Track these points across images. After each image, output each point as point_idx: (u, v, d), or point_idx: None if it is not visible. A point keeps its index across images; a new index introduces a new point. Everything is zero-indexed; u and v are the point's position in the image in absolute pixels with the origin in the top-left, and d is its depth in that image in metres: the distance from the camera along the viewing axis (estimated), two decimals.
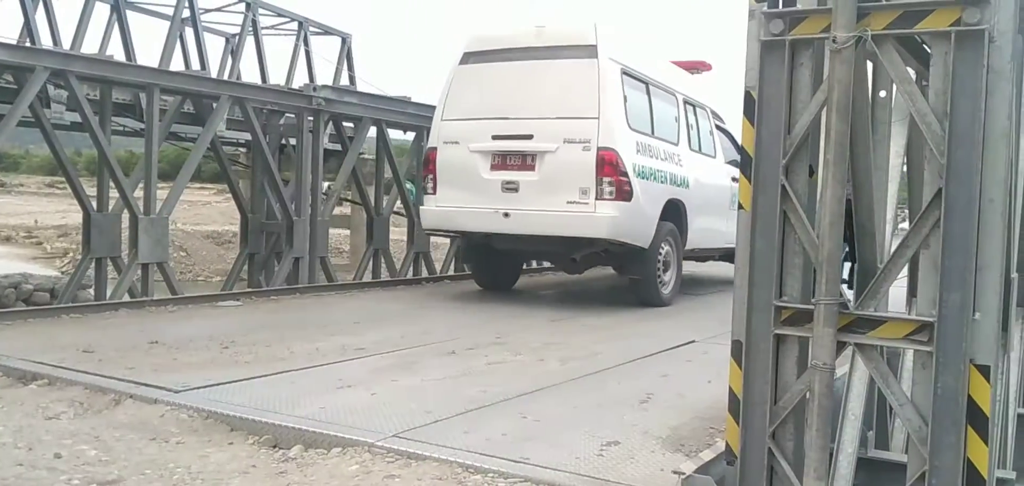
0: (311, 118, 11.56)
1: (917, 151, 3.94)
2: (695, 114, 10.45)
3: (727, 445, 3.33)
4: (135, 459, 3.91)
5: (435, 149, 9.20)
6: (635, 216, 8.56)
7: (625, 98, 8.60)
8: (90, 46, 16.60)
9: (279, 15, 21.60)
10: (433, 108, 9.90)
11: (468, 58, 9.18)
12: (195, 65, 18.91)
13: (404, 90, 19.93)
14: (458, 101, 9.15)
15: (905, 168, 4.23)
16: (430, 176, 9.19)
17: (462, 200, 8.97)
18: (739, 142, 3.33)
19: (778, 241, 3.10)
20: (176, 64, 18.06)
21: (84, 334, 6.54)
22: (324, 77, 21.14)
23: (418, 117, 13.09)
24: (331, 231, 13.39)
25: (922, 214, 2.87)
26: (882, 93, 3.81)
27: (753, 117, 3.10)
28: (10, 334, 6.50)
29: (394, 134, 13.50)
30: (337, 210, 15.63)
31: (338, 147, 13.25)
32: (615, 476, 3.81)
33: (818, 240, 2.97)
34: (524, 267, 13.86)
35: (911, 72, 3.37)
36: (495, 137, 8.77)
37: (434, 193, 9.14)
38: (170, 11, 18.71)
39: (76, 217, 23.76)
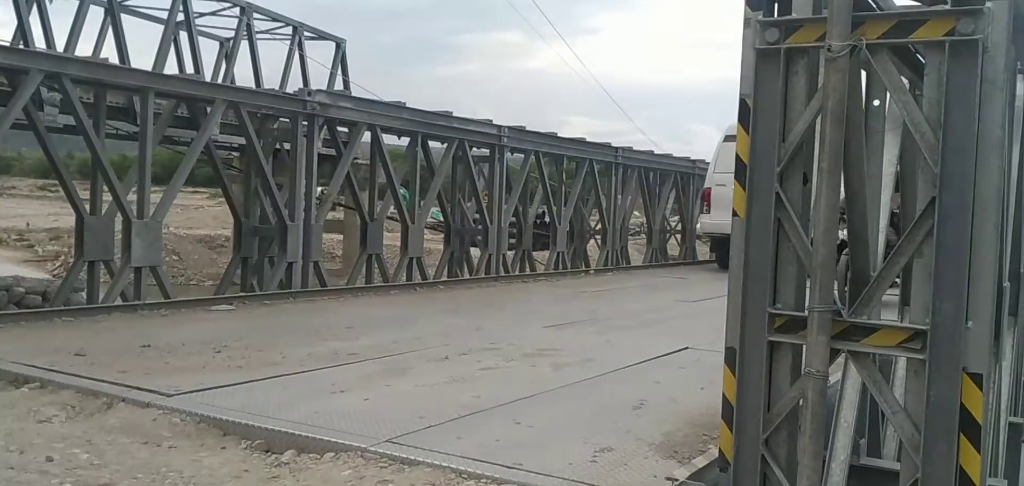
0: (306, 123, 11.55)
1: (911, 160, 3.95)
2: None
3: (720, 452, 3.33)
4: (127, 463, 3.90)
5: (710, 188, 16.37)
6: None
7: None
8: (84, 49, 16.57)
9: (274, 19, 21.60)
10: (427, 112, 13.08)
11: (728, 139, 14.82)
12: (189, 69, 18.88)
13: (398, 96, 19.93)
14: (724, 161, 14.63)
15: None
16: (706, 203, 16.74)
17: (727, 218, 15.91)
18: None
19: (772, 249, 3.10)
20: (170, 68, 18.05)
21: (76, 337, 6.52)
22: (318, 82, 21.16)
23: (413, 123, 13.07)
24: (324, 236, 13.37)
25: (916, 222, 2.88)
26: (876, 102, 3.82)
27: (748, 125, 3.11)
28: (1, 337, 6.47)
29: (388, 139, 13.48)
30: (329, 214, 15.61)
31: (332, 152, 13.23)
32: (608, 482, 3.81)
33: (812, 248, 2.97)
34: (519, 272, 14.30)
35: (905, 81, 3.39)
36: None
37: (709, 213, 16.24)
38: (165, 15, 18.70)
39: (68, 220, 23.66)
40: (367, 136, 12.66)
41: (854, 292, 3.29)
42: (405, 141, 13.63)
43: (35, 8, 16.19)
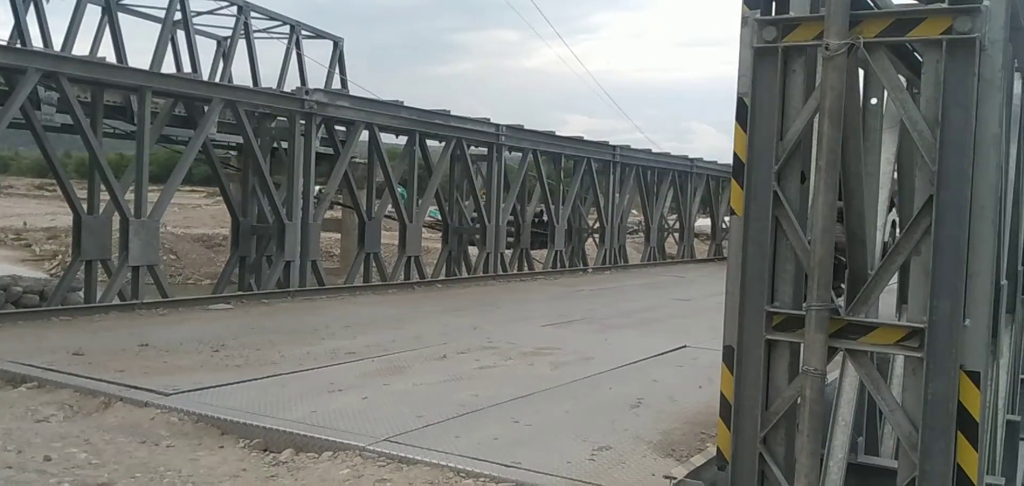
0: (303, 122, 11.54)
1: (908, 158, 3.95)
2: None
3: (718, 450, 3.33)
4: (125, 462, 3.89)
5: None
6: None
7: None
8: (81, 48, 16.56)
9: (271, 18, 21.59)
10: (425, 111, 12.73)
11: None
12: (187, 68, 18.86)
13: (396, 95, 19.94)
14: None
15: (896, 175, 4.24)
16: None
17: None
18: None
19: (770, 247, 3.10)
20: (168, 67, 18.03)
21: (74, 336, 6.51)
22: (316, 81, 21.16)
23: (410, 121, 13.06)
24: (321, 235, 13.36)
25: (913, 220, 2.88)
26: (873, 100, 3.83)
27: (746, 123, 3.11)
28: None
29: (386, 138, 13.46)
30: (327, 214, 15.61)
31: (330, 151, 13.22)
32: (606, 480, 3.81)
33: (810, 246, 2.98)
34: (517, 271, 14.37)
35: (902, 79, 3.39)
36: None
37: None
38: (162, 13, 18.68)
39: (65, 219, 23.53)
40: (365, 135, 12.65)
41: (852, 290, 3.30)
42: (403, 140, 13.64)
43: (32, 7, 16.16)
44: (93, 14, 17.34)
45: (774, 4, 3.15)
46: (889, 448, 4.46)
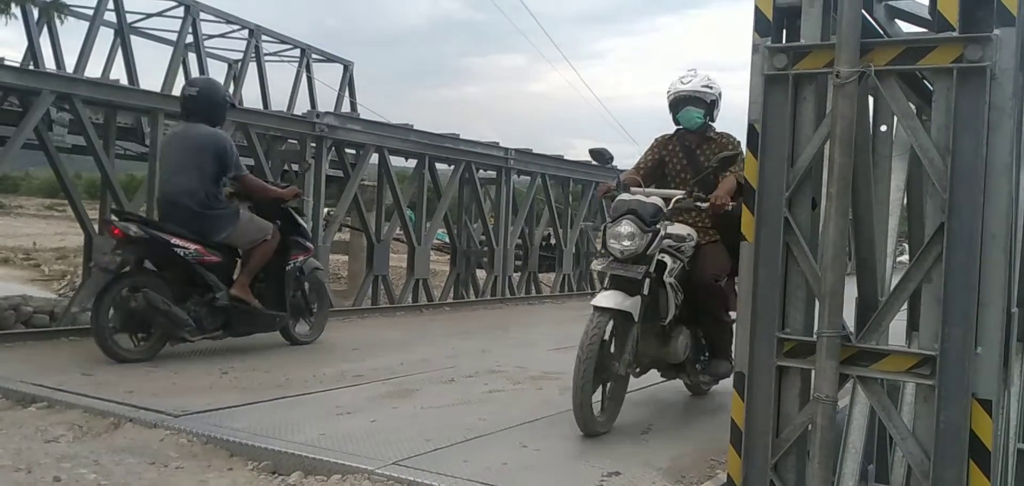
0: (314, 144, 11.59)
1: (918, 185, 3.96)
2: None
3: (729, 477, 3.32)
4: (134, 483, 3.90)
5: None
6: None
7: None
8: (93, 70, 16.72)
9: (282, 42, 21.77)
10: (435, 135, 12.79)
11: None
12: None
13: (404, 118, 20.04)
14: None
15: (905, 202, 4.25)
16: None
17: None
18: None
19: (781, 273, 3.11)
20: (179, 89, 18.16)
21: (84, 357, 6.52)
22: (325, 104, 21.30)
23: (420, 145, 13.11)
24: (330, 257, 13.38)
25: (924, 248, 2.89)
26: (883, 127, 3.84)
27: (757, 150, 3.13)
28: (9, 356, 6.48)
29: (395, 161, 13.50)
30: (334, 235, 15.65)
31: (339, 173, 13.26)
32: None
33: (821, 273, 2.98)
34: (525, 294, 14.32)
35: (912, 107, 3.40)
36: None
37: None
38: (173, 36, 18.86)
39: (74, 239, 23.64)
40: (374, 158, 12.70)
41: (862, 317, 3.30)
42: (412, 163, 13.68)
43: (45, 29, 16.33)
44: (105, 36, 17.52)
45: (785, 32, 3.17)
46: (900, 476, 4.43)
